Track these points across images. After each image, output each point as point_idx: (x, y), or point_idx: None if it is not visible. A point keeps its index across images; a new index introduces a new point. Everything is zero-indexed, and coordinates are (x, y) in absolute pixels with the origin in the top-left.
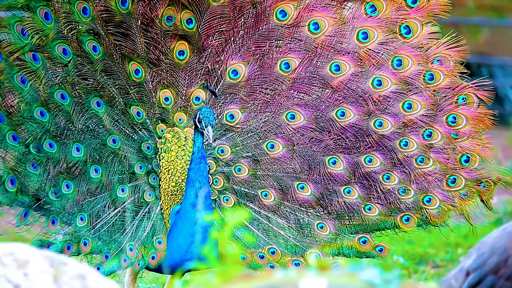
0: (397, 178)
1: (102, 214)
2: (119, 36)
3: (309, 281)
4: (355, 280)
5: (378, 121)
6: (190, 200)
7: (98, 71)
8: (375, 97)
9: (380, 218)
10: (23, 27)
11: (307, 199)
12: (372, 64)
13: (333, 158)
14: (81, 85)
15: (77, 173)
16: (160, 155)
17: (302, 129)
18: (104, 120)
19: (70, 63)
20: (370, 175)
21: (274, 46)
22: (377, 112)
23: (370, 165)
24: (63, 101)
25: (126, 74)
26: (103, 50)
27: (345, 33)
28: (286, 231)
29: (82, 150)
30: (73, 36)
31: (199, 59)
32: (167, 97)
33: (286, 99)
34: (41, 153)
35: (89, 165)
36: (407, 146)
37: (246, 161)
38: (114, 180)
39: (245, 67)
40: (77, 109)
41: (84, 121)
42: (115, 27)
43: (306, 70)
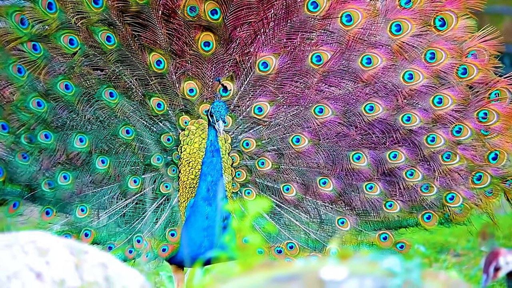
0: (421, 175)
1: (110, 205)
2: (138, 27)
3: (330, 269)
4: (376, 269)
5: (406, 116)
6: (202, 193)
7: (111, 62)
8: (405, 91)
9: (401, 215)
10: (23, 17)
11: (328, 195)
12: (404, 58)
13: (358, 153)
14: (91, 76)
15: (78, 164)
16: (182, 147)
17: (329, 123)
18: (117, 111)
19: (77, 53)
20: (394, 171)
21: (306, 38)
22: (406, 106)
23: (394, 161)
24: (67, 91)
25: (146, 65)
26: (119, 41)
27: (378, 25)
28: (307, 225)
29: (86, 141)
30: (83, 26)
31: (226, 50)
32: (192, 89)
33: (316, 93)
34: (33, 143)
35: (96, 156)
36: (434, 142)
37: (270, 154)
38: (126, 171)
39: (276, 59)
40: (84, 100)
41: (92, 111)
42: (132, 17)
43: (338, 63)
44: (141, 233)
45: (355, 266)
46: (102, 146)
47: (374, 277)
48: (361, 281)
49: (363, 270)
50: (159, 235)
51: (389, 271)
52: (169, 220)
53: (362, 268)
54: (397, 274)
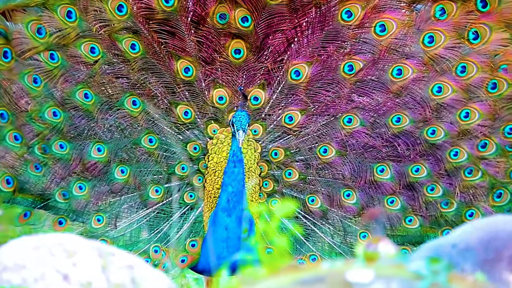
0: (442, 190)
1: (129, 214)
2: (165, 34)
3: (356, 272)
4: (402, 271)
5: (431, 129)
6: (222, 204)
7: (135, 70)
8: (433, 104)
9: (421, 230)
10: (40, 26)
11: (351, 207)
12: (435, 70)
13: (382, 165)
14: (113, 84)
15: (95, 173)
16: (209, 156)
17: (357, 134)
18: (139, 120)
19: (98, 62)
20: (415, 185)
21: (339, 47)
22: (433, 119)
23: (416, 175)
24: (86, 100)
25: (173, 72)
26: (144, 48)
27: (411, 36)
28: (332, 238)
29: (105, 150)
30: (105, 34)
31: (258, 58)
32: (221, 96)
33: (346, 102)
34: (46, 154)
35: (115, 165)
36: (457, 156)
37: (298, 165)
38: (147, 180)
39: (308, 68)
40: (104, 108)
41: (113, 120)
42: (159, 24)
43: (369, 73)
44: (160, 243)
45: (381, 268)
46: (122, 155)
47: (401, 280)
48: (387, 283)
49: (389, 272)
50: (179, 246)
51: (416, 273)
52: (191, 230)
53: (388, 271)
54: (424, 277)
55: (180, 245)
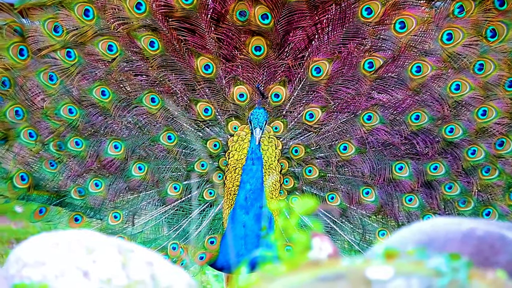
0: (459, 189)
1: (147, 212)
2: (184, 31)
3: (376, 269)
4: (422, 268)
5: (450, 127)
6: (240, 201)
7: (154, 67)
8: (451, 102)
9: None
10: (57, 24)
11: (370, 205)
12: (453, 67)
13: (401, 163)
14: (131, 81)
15: (112, 170)
16: (230, 153)
17: (376, 131)
18: (158, 117)
19: (116, 59)
20: (433, 183)
21: (359, 44)
22: (451, 117)
23: (434, 173)
24: (103, 97)
25: (192, 70)
26: (163, 46)
27: (430, 33)
28: (351, 235)
29: (122, 147)
30: (124, 32)
31: (278, 55)
32: (242, 93)
33: (366, 100)
34: (62, 151)
35: (133, 162)
36: (475, 155)
37: (318, 162)
38: (166, 177)
39: (329, 64)
40: (122, 106)
41: (131, 117)
42: (178, 22)
43: (389, 70)
44: (178, 240)
45: (401, 265)
46: (140, 153)
47: (421, 277)
48: (407, 280)
49: (409, 269)
50: (198, 243)
51: (435, 270)
52: (210, 227)
53: (408, 268)
54: (443, 274)
55: (199, 242)
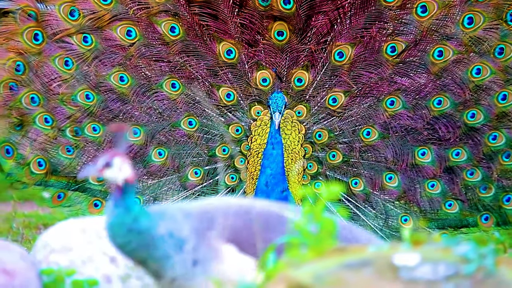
0: (481, 175)
1: (168, 197)
2: (206, 17)
3: (402, 255)
4: (449, 255)
5: (471, 112)
6: (260, 186)
7: (174, 52)
8: (472, 86)
9: (460, 215)
10: (73, 8)
11: (393, 191)
12: (474, 51)
13: (423, 149)
14: (151, 67)
15: (131, 156)
16: (252, 138)
17: (399, 116)
18: (178, 102)
19: (135, 45)
20: (455, 169)
21: (381, 29)
22: (472, 102)
23: (456, 159)
24: (121, 83)
25: (214, 55)
26: (184, 31)
27: (451, 17)
28: (373, 221)
29: (141, 133)
30: (143, 17)
31: (301, 40)
32: (265, 78)
33: (388, 84)
34: (78, 137)
35: (153, 148)
36: (495, 141)
37: (342, 147)
38: (187, 162)
39: (352, 49)
40: (141, 91)
41: (151, 103)
42: (200, 7)
43: (411, 54)
44: None
45: (428, 251)
46: (159, 138)
47: (447, 263)
48: (434, 267)
49: (436, 256)
50: None
51: (462, 257)
52: None
53: (435, 254)
54: (470, 260)
55: None
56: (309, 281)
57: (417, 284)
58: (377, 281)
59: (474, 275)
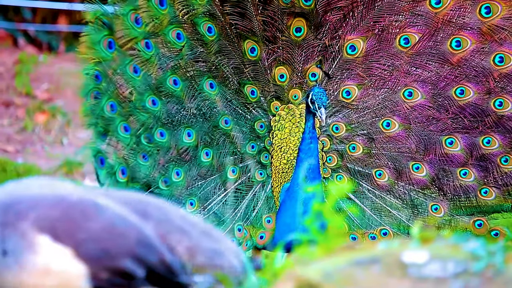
0: None
1: (212, 196)
2: (236, 16)
3: (411, 252)
4: (458, 252)
5: (498, 101)
6: (297, 180)
7: (212, 53)
8: (496, 74)
9: (496, 201)
10: (137, 16)
11: (422, 180)
12: (494, 40)
13: (450, 138)
14: (194, 68)
15: (187, 158)
16: (273, 133)
17: (419, 107)
18: (216, 102)
19: (184, 47)
20: (488, 157)
21: (394, 21)
22: (498, 90)
23: (488, 146)
24: (175, 86)
25: (241, 53)
26: (218, 31)
27: (467, 7)
28: (399, 211)
29: (194, 135)
30: (188, 19)
31: (316, 35)
32: (282, 74)
33: (404, 76)
34: (151, 143)
35: (201, 148)
36: None
37: (361, 139)
38: (226, 161)
39: (364, 42)
40: (189, 93)
41: (196, 104)
42: (231, 6)
43: (426, 45)
44: (241, 221)
45: (437, 249)
46: (205, 138)
47: (456, 260)
48: (443, 264)
49: (445, 253)
50: (256, 223)
51: (472, 254)
52: (266, 207)
53: (444, 251)
54: (480, 258)
55: (258, 222)
56: (318, 278)
57: (426, 281)
58: (386, 278)
59: (483, 272)
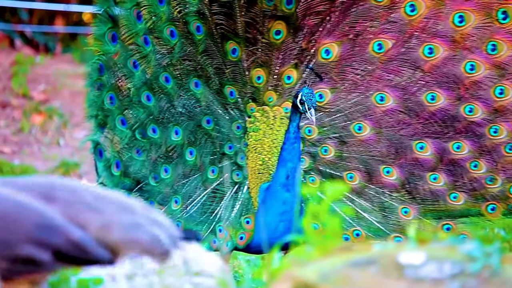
0: (485, 167)
1: (193, 195)
2: (222, 16)
3: (408, 254)
4: (454, 253)
5: (469, 107)
6: (281, 179)
7: (199, 52)
8: (466, 82)
9: (465, 206)
10: (138, 11)
11: (392, 183)
12: (466, 49)
13: (421, 143)
14: (182, 66)
15: (174, 156)
16: (248, 134)
17: (391, 111)
18: (201, 101)
19: (177, 45)
20: (458, 162)
21: (368, 27)
22: (468, 97)
23: (458, 152)
24: (167, 84)
25: (224, 54)
26: (206, 30)
27: (441, 15)
28: (369, 213)
29: (181, 133)
30: (181, 17)
31: (294, 39)
32: (259, 76)
33: (376, 81)
34: (145, 139)
35: (185, 147)
36: (497, 133)
37: (333, 142)
38: (207, 161)
39: (338, 47)
40: (178, 91)
41: (183, 102)
42: (219, 6)
43: (399, 52)
44: (221, 222)
45: (433, 250)
46: (190, 137)
47: (453, 262)
48: (439, 265)
49: (441, 254)
50: (236, 224)
51: (468, 255)
52: (244, 208)
53: (440, 252)
54: (476, 259)
55: (237, 223)
56: (315, 279)
57: (422, 282)
58: (382, 279)
59: (480, 273)
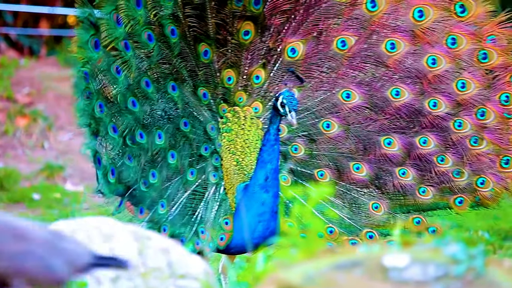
0: (451, 160)
1: (175, 198)
2: (194, 18)
3: (392, 256)
4: (439, 256)
5: (433, 101)
6: (259, 181)
7: (174, 55)
8: (429, 76)
9: (433, 200)
10: (118, 15)
11: (362, 180)
12: (427, 43)
13: (388, 138)
14: (159, 70)
15: (159, 160)
16: (221, 135)
17: (357, 108)
18: (178, 104)
19: (155, 49)
20: (425, 156)
21: (332, 24)
22: (431, 91)
23: (424, 146)
24: (147, 88)
25: (196, 56)
26: (180, 33)
27: (401, 11)
28: (340, 210)
29: (163, 137)
30: (157, 21)
31: (262, 38)
32: (229, 77)
33: (341, 78)
34: (134, 144)
35: (167, 150)
36: (461, 127)
37: (303, 140)
38: (185, 163)
39: (303, 45)
40: (158, 95)
41: (162, 106)
42: (192, 9)
43: (362, 48)
44: (202, 224)
45: (417, 252)
46: (171, 140)
47: (437, 264)
48: (423, 267)
49: (425, 256)
50: (216, 225)
51: (452, 257)
52: (222, 209)
53: (424, 255)
54: (460, 261)
55: (216, 224)
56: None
57: (407, 285)
58: (367, 282)
59: (464, 276)
